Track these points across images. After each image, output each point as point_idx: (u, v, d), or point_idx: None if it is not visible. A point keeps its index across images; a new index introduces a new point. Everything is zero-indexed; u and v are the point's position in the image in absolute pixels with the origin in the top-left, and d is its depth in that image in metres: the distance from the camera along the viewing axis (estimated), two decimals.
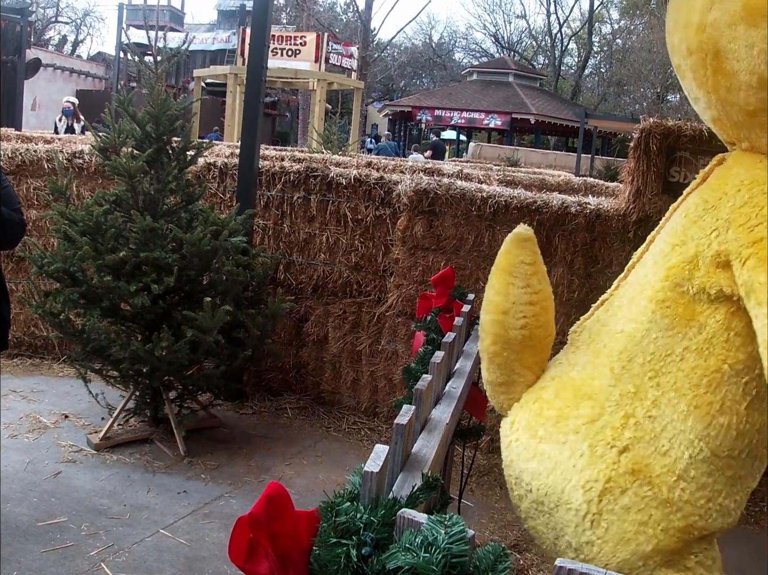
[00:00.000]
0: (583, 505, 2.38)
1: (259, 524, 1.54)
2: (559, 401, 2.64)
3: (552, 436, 2.54)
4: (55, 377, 6.84)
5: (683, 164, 5.20)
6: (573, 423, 2.51)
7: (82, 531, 4.45)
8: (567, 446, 2.48)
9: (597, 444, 2.43)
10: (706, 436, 2.38)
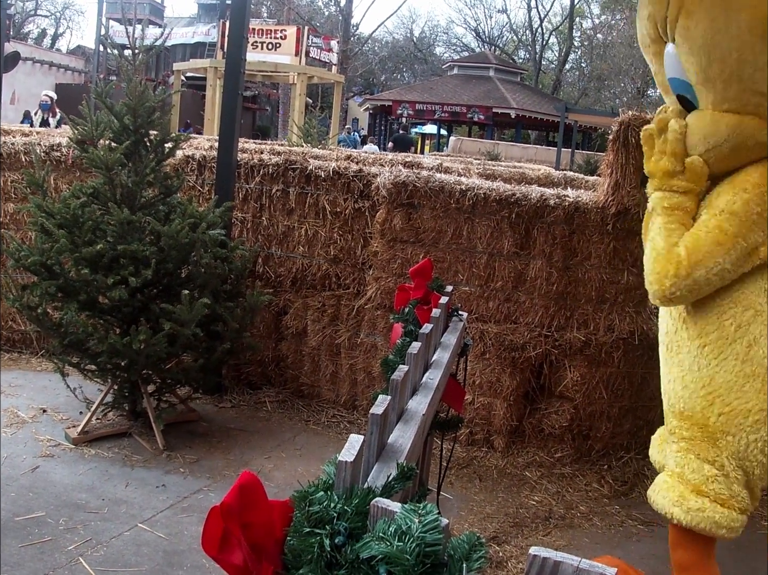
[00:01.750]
0: None
1: (232, 513, 1.53)
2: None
3: None
4: (33, 372, 6.82)
5: None
6: None
7: (60, 526, 4.43)
8: None
9: None
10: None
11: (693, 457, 2.97)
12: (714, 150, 2.83)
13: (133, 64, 5.61)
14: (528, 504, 5.17)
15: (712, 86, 2.80)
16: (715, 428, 2.89)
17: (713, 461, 2.93)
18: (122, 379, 5.63)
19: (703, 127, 2.86)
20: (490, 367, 5.81)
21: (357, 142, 27.78)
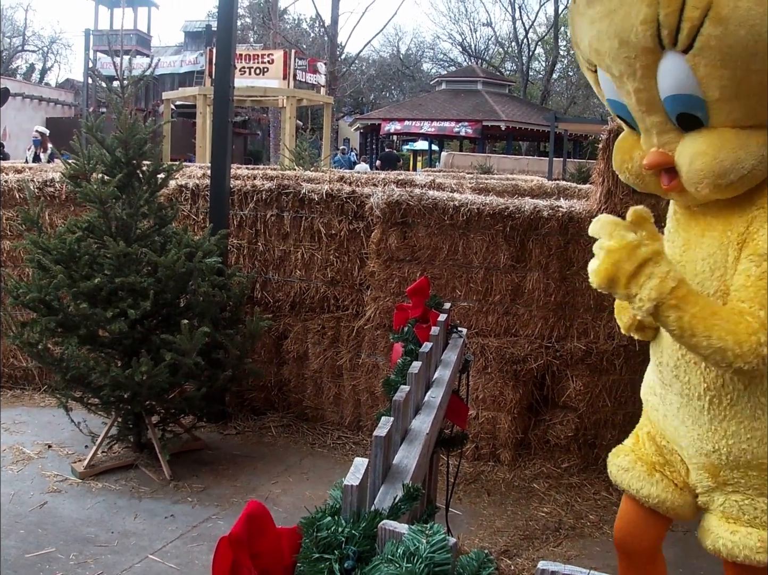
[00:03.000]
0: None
1: (241, 543, 1.54)
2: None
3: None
4: (37, 408, 6.82)
5: None
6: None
7: (71, 561, 4.43)
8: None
9: None
10: None
11: (762, 501, 2.77)
12: (748, 175, 2.38)
13: (122, 96, 5.63)
14: (537, 515, 5.17)
15: (743, 101, 2.36)
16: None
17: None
18: (126, 411, 5.63)
19: (733, 150, 2.38)
20: (493, 381, 5.81)
21: (352, 162, 27.91)
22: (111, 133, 5.51)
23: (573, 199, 6.46)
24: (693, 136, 2.45)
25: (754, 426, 2.64)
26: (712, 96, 2.34)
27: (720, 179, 2.39)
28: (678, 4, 2.18)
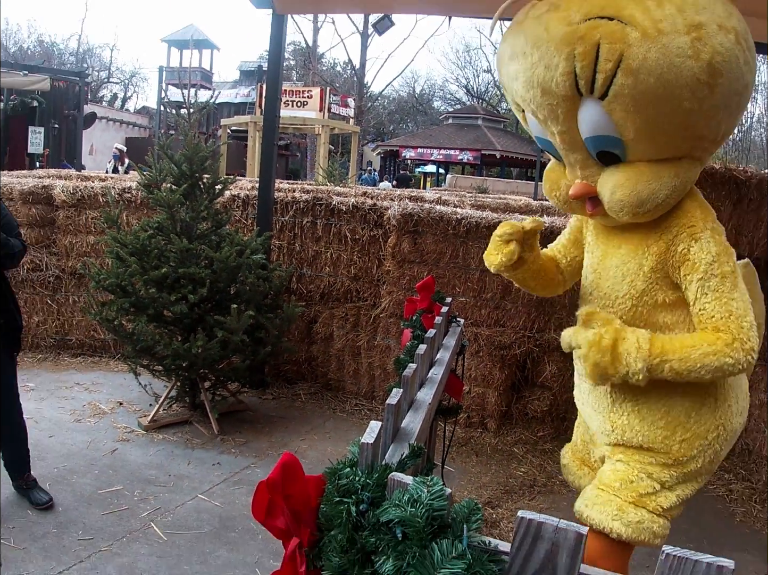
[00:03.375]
0: None
1: (276, 487, 1.54)
2: None
3: None
4: (111, 372, 6.83)
5: None
6: None
7: (135, 497, 4.45)
8: None
9: None
10: None
11: (644, 476, 2.59)
12: (669, 199, 2.33)
13: (188, 121, 5.64)
14: (516, 474, 5.16)
15: (654, 139, 2.28)
16: (678, 454, 2.54)
17: (664, 482, 2.58)
18: (184, 377, 5.65)
19: (648, 182, 2.30)
20: (483, 363, 5.80)
21: (376, 181, 28.15)
22: (178, 151, 5.52)
23: (554, 215, 6.44)
24: (612, 170, 2.38)
25: (646, 411, 2.58)
26: (628, 136, 2.27)
27: (638, 207, 2.35)
28: (592, 57, 2.11)
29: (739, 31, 2.15)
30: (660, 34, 2.07)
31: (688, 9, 2.09)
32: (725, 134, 2.40)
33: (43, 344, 7.28)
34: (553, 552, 1.37)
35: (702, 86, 2.12)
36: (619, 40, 2.07)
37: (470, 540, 1.41)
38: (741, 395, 2.62)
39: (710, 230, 2.38)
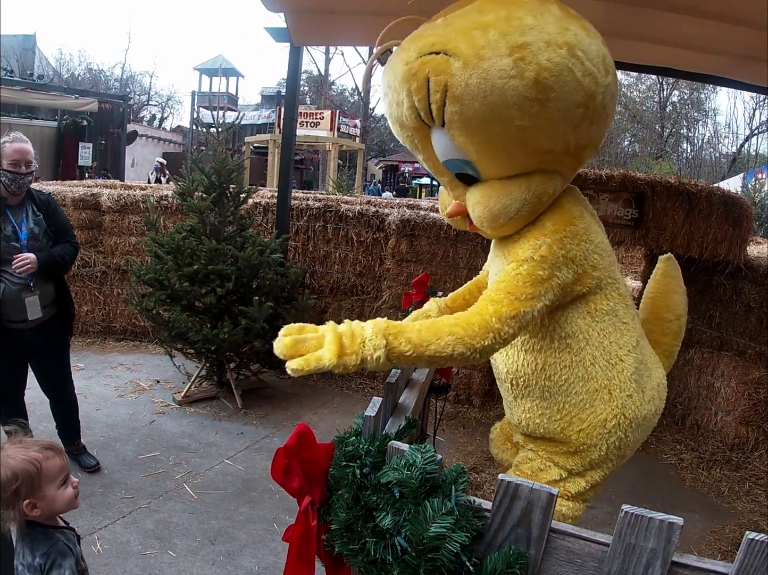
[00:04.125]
0: None
1: (292, 452, 1.55)
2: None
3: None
4: (150, 354, 6.84)
5: (589, 199, 5.19)
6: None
7: (170, 462, 4.46)
8: None
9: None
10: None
11: (551, 464, 2.47)
12: (521, 212, 2.15)
13: (217, 139, 5.64)
14: None
15: (496, 158, 2.14)
16: (578, 443, 2.37)
17: (570, 469, 2.44)
18: (212, 359, 5.65)
19: (500, 198, 2.15)
20: None
21: (379, 191, 28.14)
22: (208, 165, 5.53)
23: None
24: (472, 190, 2.25)
25: (543, 405, 2.41)
26: (473, 158, 2.14)
27: (493, 222, 2.20)
28: (425, 90, 2.01)
29: (574, 44, 1.96)
30: (480, 60, 1.94)
31: (513, 32, 1.94)
32: (581, 146, 2.15)
33: (92, 329, 7.29)
34: (528, 509, 1.38)
35: (532, 103, 1.95)
36: (444, 72, 1.97)
37: (458, 499, 1.42)
38: (650, 384, 2.41)
39: (549, 240, 2.15)
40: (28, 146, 3.77)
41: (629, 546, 1.30)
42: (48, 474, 2.02)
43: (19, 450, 2.01)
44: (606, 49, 2.08)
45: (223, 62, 35.96)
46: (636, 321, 2.42)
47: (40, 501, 2.00)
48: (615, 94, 2.13)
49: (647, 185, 5.11)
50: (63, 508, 2.09)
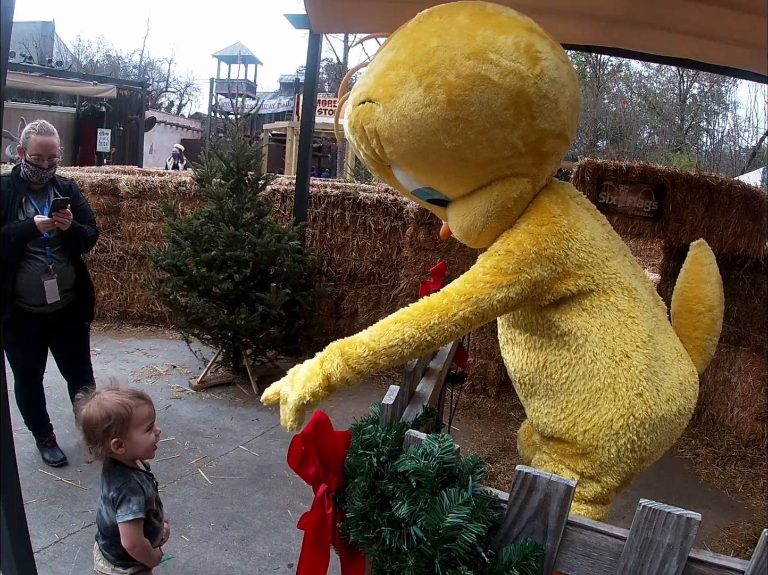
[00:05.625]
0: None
1: (309, 440, 1.55)
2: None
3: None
4: (166, 340, 6.87)
5: (608, 190, 5.16)
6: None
7: (185, 447, 4.48)
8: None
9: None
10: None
11: (563, 467, 2.37)
12: (488, 223, 2.13)
13: (236, 125, 5.64)
14: (512, 434, 5.15)
15: (449, 181, 2.15)
16: (584, 444, 2.26)
17: (582, 471, 2.32)
18: (229, 345, 5.68)
19: (465, 216, 2.18)
20: (486, 338, 5.79)
21: None
22: (227, 151, 5.53)
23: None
24: (447, 211, 2.28)
25: (549, 404, 2.35)
26: (431, 184, 2.17)
27: (467, 239, 2.25)
28: (365, 139, 2.07)
29: (483, 49, 1.91)
30: (394, 98, 1.95)
31: (419, 62, 1.93)
32: (533, 143, 2.06)
33: (109, 314, 7.33)
34: (545, 501, 1.37)
35: (455, 123, 1.93)
36: (371, 119, 2.02)
37: (474, 489, 1.42)
38: (667, 383, 2.26)
39: (520, 237, 2.12)
40: (52, 138, 3.78)
41: (646, 540, 1.29)
42: (136, 419, 2.27)
43: (114, 395, 2.29)
44: (533, 36, 1.99)
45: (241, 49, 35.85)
46: (647, 315, 2.27)
47: (126, 441, 2.25)
48: (561, 78, 2.01)
49: (667, 176, 5.06)
50: (143, 452, 2.34)
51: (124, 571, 2.38)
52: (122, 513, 2.23)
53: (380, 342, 1.98)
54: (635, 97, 35.44)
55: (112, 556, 2.36)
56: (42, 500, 3.71)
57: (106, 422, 2.22)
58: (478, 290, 2.05)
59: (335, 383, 1.97)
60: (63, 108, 19.21)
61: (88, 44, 47.80)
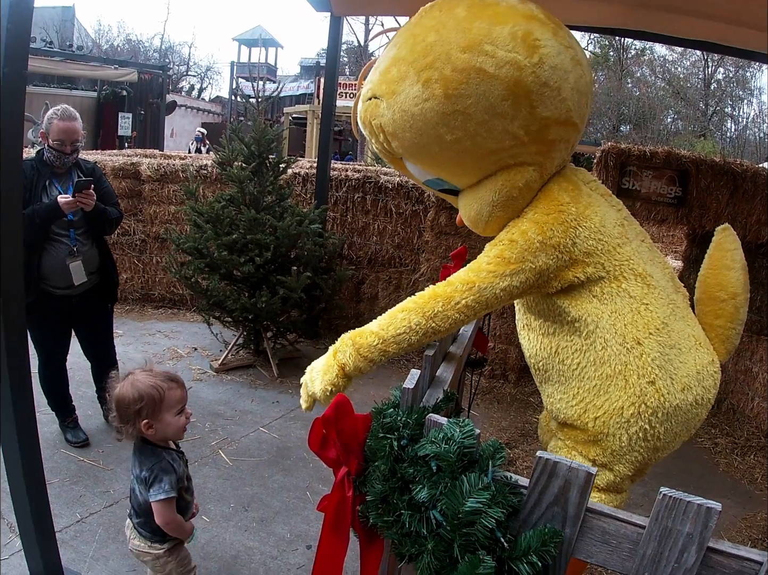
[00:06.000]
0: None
1: (330, 422, 1.55)
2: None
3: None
4: (188, 322, 6.91)
5: (632, 175, 5.12)
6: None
7: (206, 428, 4.52)
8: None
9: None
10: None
11: (576, 453, 2.34)
12: (494, 213, 2.18)
13: (257, 109, 5.64)
14: (531, 420, 5.15)
15: (453, 172, 2.20)
16: (595, 431, 2.24)
17: (594, 459, 2.30)
18: (250, 328, 5.70)
19: (472, 205, 2.23)
20: (507, 323, 5.77)
21: None
22: (248, 134, 5.53)
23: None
24: (458, 201, 2.36)
25: (561, 390, 2.35)
26: (439, 175, 2.25)
27: (476, 227, 2.32)
28: (374, 134, 2.17)
29: (478, 41, 1.93)
30: (395, 95, 2.02)
31: (418, 58, 1.98)
32: (536, 131, 2.05)
33: (130, 297, 7.38)
34: (565, 487, 1.37)
35: (453, 116, 1.97)
36: (377, 115, 2.11)
37: (494, 474, 1.42)
38: (683, 371, 2.21)
39: (525, 226, 2.14)
40: (75, 123, 3.79)
41: (665, 529, 1.29)
42: (168, 402, 2.31)
43: (148, 377, 2.32)
44: (532, 24, 1.98)
45: (262, 33, 35.79)
46: (663, 302, 2.23)
47: (156, 423, 2.30)
48: (563, 64, 2.00)
49: (691, 162, 5.01)
50: (173, 434, 2.38)
51: (161, 547, 2.45)
52: (155, 492, 2.29)
53: (389, 331, 2.05)
54: (659, 81, 35.02)
55: (148, 532, 2.43)
56: (64, 480, 3.76)
57: (138, 404, 2.27)
58: (481, 279, 2.10)
59: (350, 372, 2.06)
60: (84, 92, 19.33)
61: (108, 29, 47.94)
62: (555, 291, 2.22)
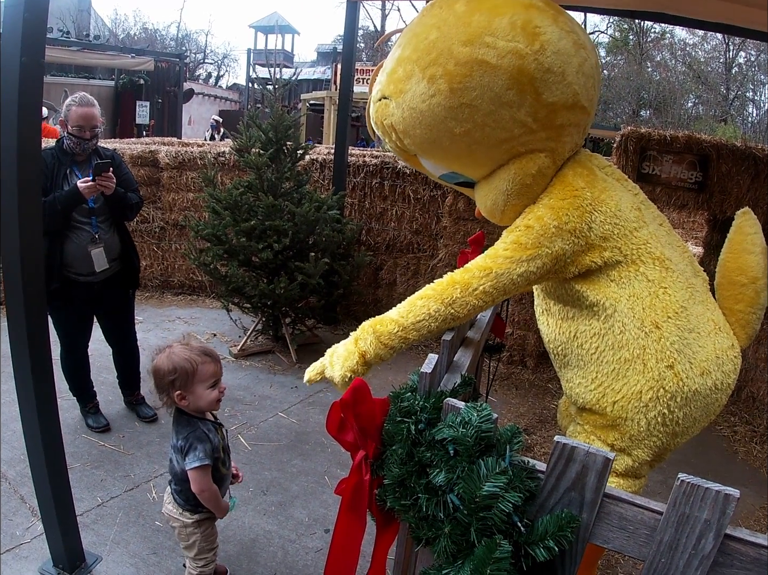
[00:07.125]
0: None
1: (348, 406, 1.56)
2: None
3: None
4: (207, 308, 6.95)
5: (652, 160, 5.07)
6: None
7: (225, 413, 4.54)
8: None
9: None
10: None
11: (595, 438, 2.34)
12: (510, 201, 2.20)
13: (274, 95, 5.63)
14: (549, 407, 5.14)
15: (466, 164, 2.22)
16: (613, 416, 2.23)
17: (612, 444, 2.29)
18: (268, 314, 5.72)
19: (488, 196, 2.26)
20: (525, 309, 5.76)
21: None
22: (266, 121, 5.53)
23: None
24: (474, 192, 2.39)
25: (580, 374, 2.35)
26: (453, 168, 2.29)
27: (492, 217, 2.36)
28: (387, 133, 2.23)
29: (478, 33, 1.95)
30: (403, 93, 2.07)
31: (422, 56, 2.02)
32: (544, 118, 2.06)
33: (150, 284, 7.43)
34: (583, 472, 1.37)
35: (460, 109, 2.01)
36: (387, 115, 2.16)
37: (512, 459, 1.42)
38: (701, 356, 2.19)
39: (540, 212, 2.15)
40: (93, 109, 3.81)
41: (683, 515, 1.28)
42: (201, 375, 2.41)
43: (183, 350, 2.44)
44: (531, 12, 2.00)
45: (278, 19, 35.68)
46: (681, 286, 2.22)
47: (189, 395, 2.40)
48: (565, 48, 2.00)
49: (712, 147, 4.96)
50: (206, 406, 2.46)
51: (191, 516, 2.55)
52: (190, 460, 2.38)
53: (408, 318, 2.08)
54: (679, 65, 34.62)
55: (182, 500, 2.53)
56: (85, 464, 3.80)
57: (171, 375, 2.38)
58: (498, 264, 2.12)
59: (370, 359, 2.09)
60: (101, 81, 19.40)
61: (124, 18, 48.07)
62: (572, 276, 2.23)
